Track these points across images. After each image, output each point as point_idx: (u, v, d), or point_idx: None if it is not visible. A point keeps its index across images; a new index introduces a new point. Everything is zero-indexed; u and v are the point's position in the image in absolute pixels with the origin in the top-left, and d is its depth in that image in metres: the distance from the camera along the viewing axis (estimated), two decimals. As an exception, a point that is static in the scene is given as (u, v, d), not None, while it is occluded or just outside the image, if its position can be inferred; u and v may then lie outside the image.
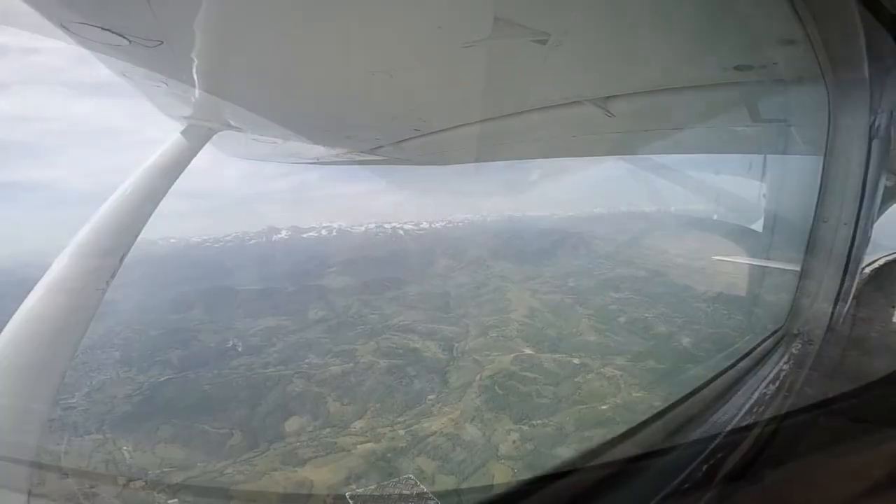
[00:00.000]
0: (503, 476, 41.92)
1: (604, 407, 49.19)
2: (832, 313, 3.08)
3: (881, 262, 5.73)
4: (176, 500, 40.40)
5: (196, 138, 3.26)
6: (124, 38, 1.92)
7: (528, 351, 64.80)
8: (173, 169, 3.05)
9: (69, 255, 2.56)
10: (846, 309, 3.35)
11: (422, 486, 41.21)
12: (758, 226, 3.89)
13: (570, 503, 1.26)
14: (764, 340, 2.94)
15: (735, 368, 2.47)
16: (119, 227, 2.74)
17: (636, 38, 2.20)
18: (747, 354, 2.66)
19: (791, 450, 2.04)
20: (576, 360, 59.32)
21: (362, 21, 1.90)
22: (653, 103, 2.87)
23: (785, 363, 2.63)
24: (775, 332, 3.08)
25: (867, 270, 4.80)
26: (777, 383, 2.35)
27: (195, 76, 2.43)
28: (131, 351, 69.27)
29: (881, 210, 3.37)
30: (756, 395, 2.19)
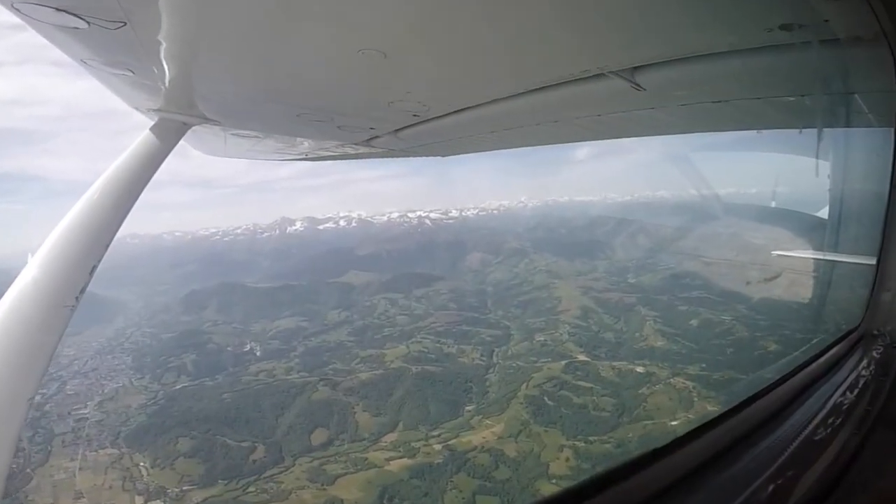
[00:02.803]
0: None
1: (674, 423, 47.25)
2: None
3: None
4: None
5: (168, 134, 3.28)
6: (81, 19, 1.96)
7: (581, 357, 63.57)
8: (144, 171, 3.07)
9: (34, 269, 2.65)
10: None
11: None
12: (825, 210, 3.72)
13: None
14: (836, 342, 2.80)
15: (803, 373, 2.36)
16: (87, 238, 2.80)
17: None
18: (816, 357, 2.54)
19: (879, 471, 1.94)
20: (639, 369, 57.61)
21: None
22: (687, 73, 2.75)
23: (864, 369, 2.50)
24: (850, 332, 2.92)
25: None
26: (856, 392, 2.24)
27: (164, 62, 2.49)
28: (143, 356, 73.45)
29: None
30: (830, 405, 2.09)
